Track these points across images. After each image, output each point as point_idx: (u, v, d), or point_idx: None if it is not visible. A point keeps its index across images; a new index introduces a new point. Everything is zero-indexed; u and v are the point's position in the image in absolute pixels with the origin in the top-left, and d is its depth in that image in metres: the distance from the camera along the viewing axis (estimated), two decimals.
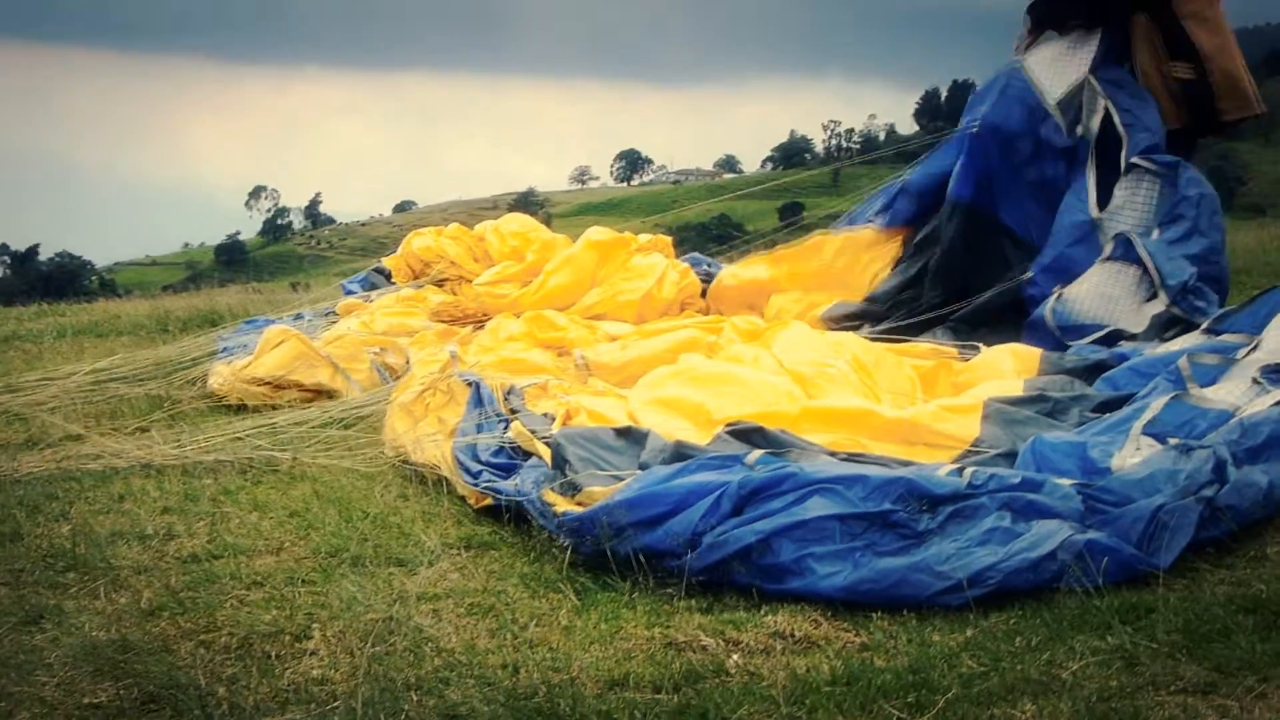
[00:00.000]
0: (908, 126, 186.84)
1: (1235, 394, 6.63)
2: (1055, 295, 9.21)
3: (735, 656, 4.51)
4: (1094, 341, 8.75)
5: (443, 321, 10.78)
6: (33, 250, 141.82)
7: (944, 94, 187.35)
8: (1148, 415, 6.41)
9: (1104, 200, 9.69)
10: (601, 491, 5.68)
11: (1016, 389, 7.42)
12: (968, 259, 10.23)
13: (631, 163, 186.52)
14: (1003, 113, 10.38)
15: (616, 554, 5.32)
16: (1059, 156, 10.15)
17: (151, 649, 4.60)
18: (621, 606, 5.03)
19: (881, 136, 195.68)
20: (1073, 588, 4.90)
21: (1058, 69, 10.29)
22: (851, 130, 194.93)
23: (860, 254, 10.89)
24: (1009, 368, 7.96)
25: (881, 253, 10.84)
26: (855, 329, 9.66)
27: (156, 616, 4.94)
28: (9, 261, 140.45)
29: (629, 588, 5.20)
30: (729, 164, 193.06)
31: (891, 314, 10.21)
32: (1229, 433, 6.02)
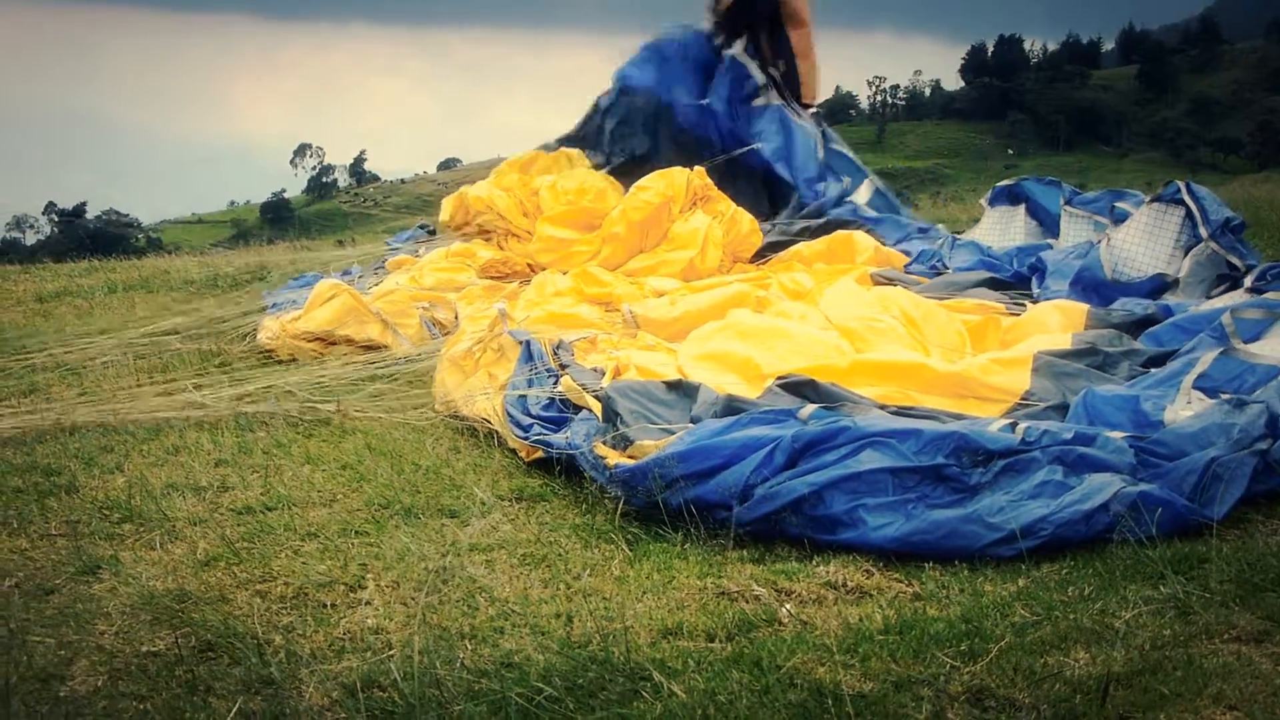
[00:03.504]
0: (953, 82, 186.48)
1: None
2: (1104, 241, 9.30)
3: (788, 606, 4.52)
4: (1139, 286, 8.87)
5: (490, 277, 10.80)
6: (80, 208, 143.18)
7: (990, 49, 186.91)
8: (1198, 369, 6.40)
9: None
10: (653, 444, 5.69)
11: (1065, 343, 7.39)
12: None
13: None
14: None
15: (668, 505, 5.33)
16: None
17: (208, 598, 4.64)
18: (673, 557, 5.04)
19: (927, 92, 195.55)
20: (1125, 539, 4.90)
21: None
22: (897, 86, 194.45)
23: None
24: (1056, 323, 7.93)
25: None
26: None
27: (212, 567, 4.99)
28: (56, 219, 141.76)
29: (681, 539, 5.21)
30: None
31: None
32: None
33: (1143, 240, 9.14)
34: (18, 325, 11.27)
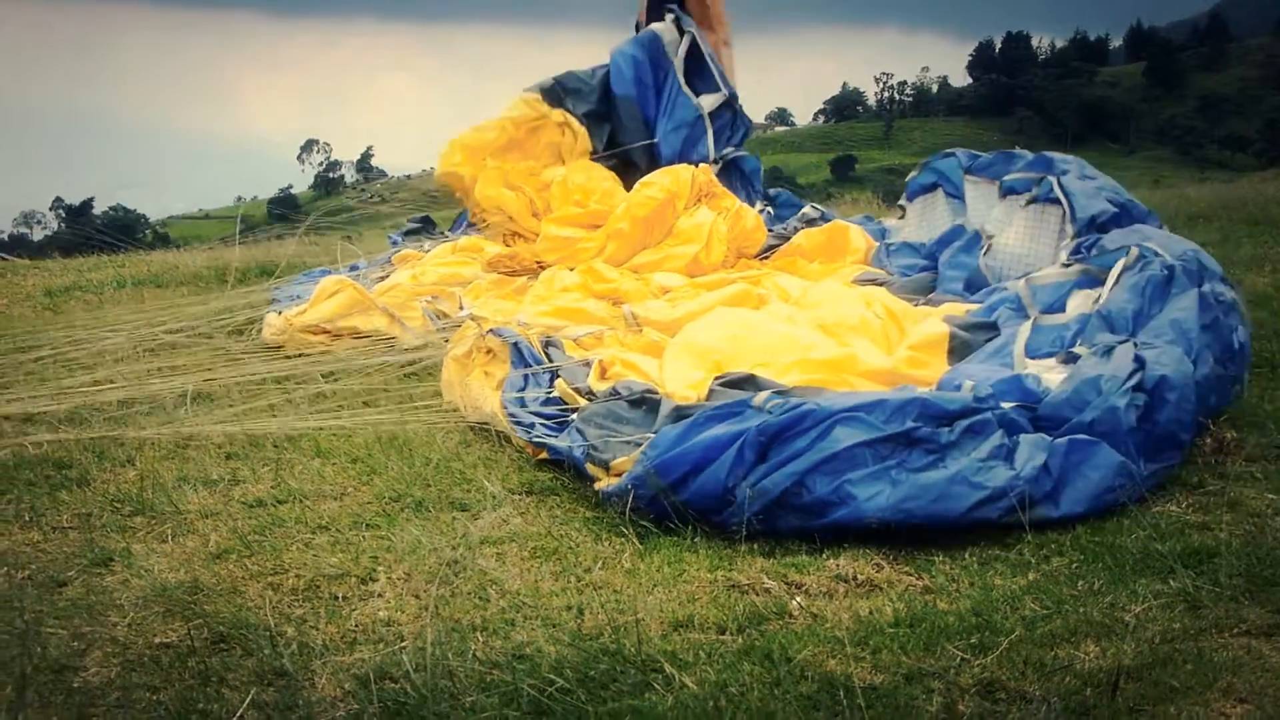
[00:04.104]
0: (960, 79, 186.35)
1: (1080, 307, 6.99)
2: (985, 248, 9.17)
3: (798, 599, 4.53)
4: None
5: (498, 272, 10.76)
6: (87, 204, 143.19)
7: (998, 45, 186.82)
8: (1020, 341, 6.74)
9: None
10: (626, 461, 5.70)
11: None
12: None
13: None
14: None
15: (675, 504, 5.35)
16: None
17: (220, 590, 4.66)
18: (684, 550, 5.06)
19: (935, 89, 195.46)
20: (1132, 527, 4.95)
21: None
22: (904, 83, 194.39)
23: None
24: None
25: None
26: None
27: (224, 559, 5.00)
28: (64, 215, 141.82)
29: (690, 532, 5.22)
30: (781, 117, 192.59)
31: None
32: (1099, 325, 6.47)
33: (1025, 243, 8.97)
34: (27, 320, 11.28)
